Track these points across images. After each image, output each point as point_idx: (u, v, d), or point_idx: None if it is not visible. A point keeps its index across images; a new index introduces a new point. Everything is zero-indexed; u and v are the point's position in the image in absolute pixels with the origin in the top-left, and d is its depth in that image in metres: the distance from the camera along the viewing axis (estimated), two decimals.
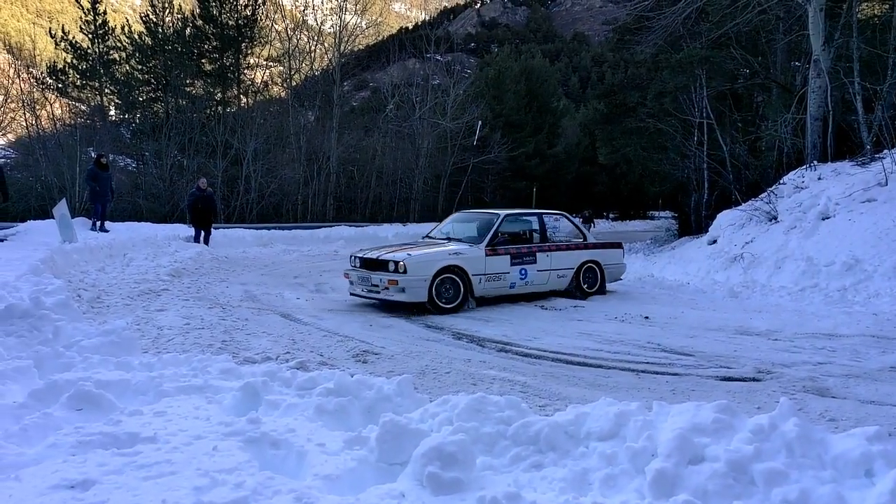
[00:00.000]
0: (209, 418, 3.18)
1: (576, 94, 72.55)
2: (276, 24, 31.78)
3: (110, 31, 28.46)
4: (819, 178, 12.25)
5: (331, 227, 22.10)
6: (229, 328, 6.88)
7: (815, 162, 13.08)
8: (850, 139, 14.10)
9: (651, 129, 20.48)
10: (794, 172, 13.13)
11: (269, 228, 20.37)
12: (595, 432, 2.73)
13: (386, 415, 3.00)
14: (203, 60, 29.83)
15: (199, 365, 4.13)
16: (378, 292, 8.25)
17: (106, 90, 28.49)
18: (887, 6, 16.11)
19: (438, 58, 37.11)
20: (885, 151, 11.46)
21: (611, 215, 50.78)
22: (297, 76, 30.89)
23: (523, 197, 32.21)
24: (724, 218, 13.01)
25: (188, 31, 29.55)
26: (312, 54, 31.67)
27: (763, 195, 12.55)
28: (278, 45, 31.29)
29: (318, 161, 28.17)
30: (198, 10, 29.86)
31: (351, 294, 8.96)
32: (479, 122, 31.28)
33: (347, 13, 31.06)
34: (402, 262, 8.02)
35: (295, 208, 27.78)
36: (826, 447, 2.37)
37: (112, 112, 29.25)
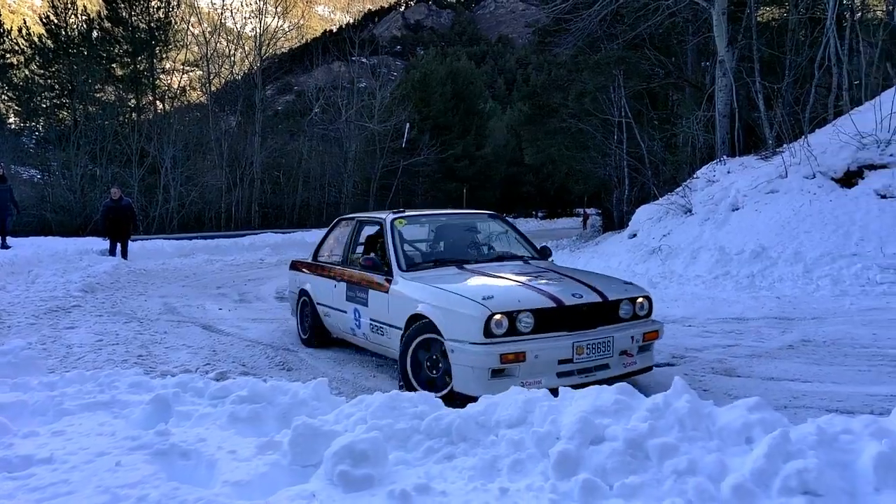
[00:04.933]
0: (114, 434, 3.10)
1: (502, 95, 73.63)
2: (193, 27, 30.95)
3: (6, 33, 27.01)
4: (728, 172, 12.90)
5: (256, 234, 21.67)
6: (146, 342, 6.68)
7: (725, 157, 13.76)
8: (755, 134, 14.93)
9: (573, 129, 21.04)
10: (706, 167, 13.77)
11: (190, 238, 19.81)
12: (504, 420, 2.82)
13: (299, 418, 3.01)
14: (113, 65, 28.71)
15: (107, 380, 4.01)
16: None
17: (3, 96, 27.02)
18: (784, 10, 17.13)
19: (364, 60, 37.00)
20: (785, 146, 12.16)
21: (539, 214, 51.86)
22: (216, 80, 30.17)
23: (454, 198, 32.50)
24: (643, 212, 13.52)
25: (95, 33, 28.37)
26: (232, 58, 31.02)
27: (678, 189, 13.13)
28: (196, 48, 30.48)
29: (242, 167, 27.61)
30: (105, 12, 28.73)
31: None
32: (408, 125, 31.38)
33: (268, 15, 30.59)
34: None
35: (218, 216, 27.11)
36: (713, 420, 2.54)
37: (11, 120, 27.76)
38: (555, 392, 2.96)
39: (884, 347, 5.58)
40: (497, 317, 3.98)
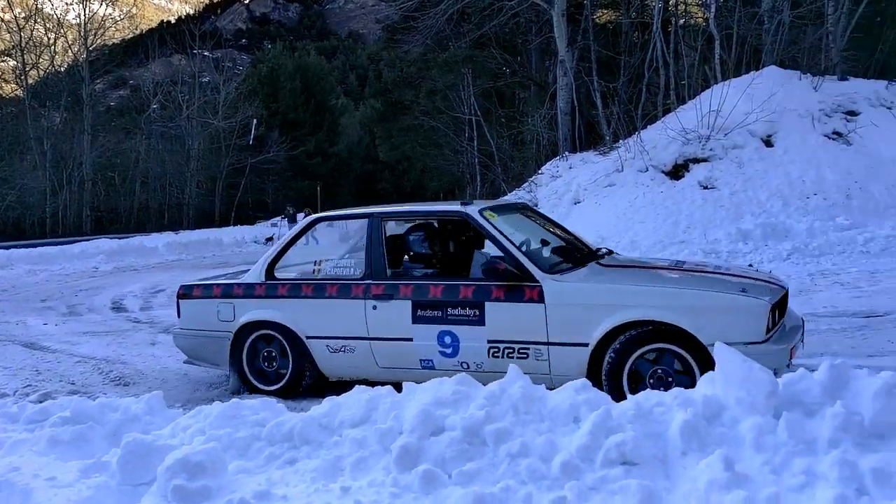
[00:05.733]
0: None
1: (355, 92, 73.17)
2: (3, 12, 27.96)
3: None
4: (570, 168, 13.73)
5: (88, 240, 20.02)
6: None
7: (567, 152, 14.63)
8: (594, 131, 16.00)
9: (426, 126, 21.44)
10: (550, 163, 14.56)
11: (7, 248, 17.92)
12: (348, 420, 2.84)
13: (129, 435, 2.85)
14: None
15: None
16: None
17: None
18: (618, 14, 18.49)
19: (207, 54, 35.32)
20: (621, 142, 13.15)
21: None
22: (34, 73, 27.46)
23: (306, 196, 31.90)
24: None
25: None
26: (53, 48, 28.39)
27: (525, 185, 13.78)
28: (7, 36, 27.56)
29: (69, 168, 25.38)
30: None
31: None
32: (255, 121, 30.38)
33: (94, 2, 28.31)
34: None
35: (42, 222, 24.75)
36: (545, 403, 2.72)
37: None
38: (398, 387, 3.02)
39: None
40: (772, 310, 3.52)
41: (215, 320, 4.73)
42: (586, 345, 3.75)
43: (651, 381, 3.65)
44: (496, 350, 3.99)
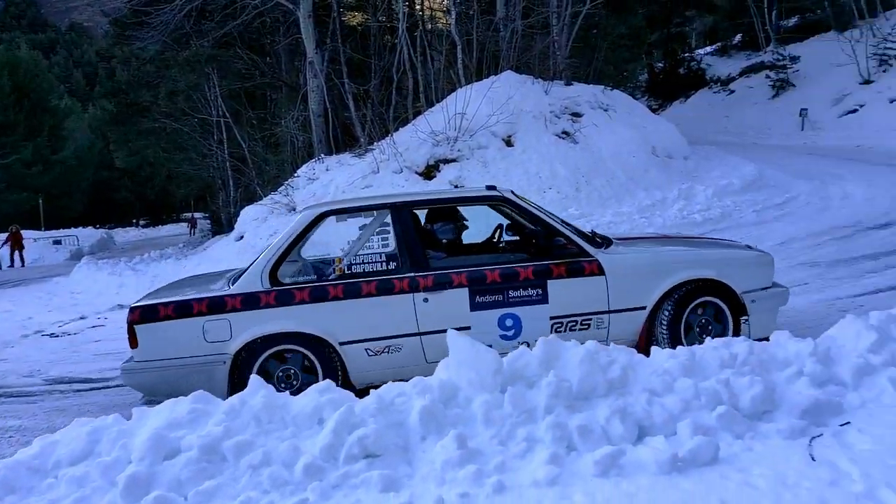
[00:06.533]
0: None
1: (82, 91, 66.00)
2: None
3: None
4: (327, 170, 13.80)
5: None
6: None
7: (323, 155, 14.68)
8: (350, 133, 16.25)
9: (169, 129, 20.09)
10: (306, 165, 14.50)
11: None
12: (66, 458, 2.60)
13: None
14: None
15: None
16: None
17: None
18: (367, 17, 18.97)
19: None
20: (376, 144, 13.52)
21: (141, 222, 48.14)
22: None
23: (25, 212, 28.07)
24: (249, 213, 13.64)
25: None
26: None
27: (281, 188, 13.56)
28: None
29: None
30: None
31: None
32: None
33: None
34: None
35: None
36: (288, 409, 2.73)
37: None
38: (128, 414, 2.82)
39: None
40: None
41: (201, 343, 3.98)
42: (644, 307, 4.28)
43: (698, 329, 4.36)
44: (559, 325, 4.22)
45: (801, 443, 2.54)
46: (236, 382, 3.89)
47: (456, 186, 12.48)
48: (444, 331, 3.85)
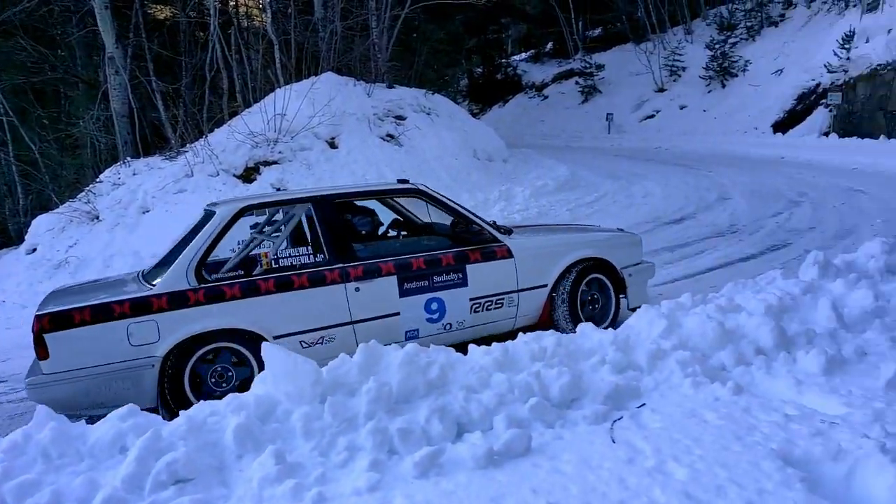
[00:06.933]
0: None
1: None
2: None
3: None
4: (134, 174, 12.86)
5: None
6: None
7: (129, 158, 13.65)
8: (160, 134, 15.26)
9: None
10: (109, 170, 13.41)
11: None
12: None
13: None
14: None
15: None
16: None
17: None
18: (175, 11, 17.92)
19: None
20: (189, 146, 12.83)
21: None
22: None
23: None
24: (42, 223, 12.36)
25: None
26: None
27: (81, 195, 12.45)
28: None
29: None
30: None
31: None
32: None
33: None
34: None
35: None
36: (85, 439, 2.52)
37: None
38: None
39: None
40: None
41: (125, 348, 3.79)
42: (546, 285, 4.84)
43: (588, 301, 5.01)
44: (478, 306, 4.61)
45: (605, 427, 2.77)
46: (167, 386, 3.85)
47: (278, 189, 12.19)
48: (375, 318, 4.33)
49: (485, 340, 4.30)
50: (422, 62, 17.95)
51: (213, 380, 4.02)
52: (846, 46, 18.81)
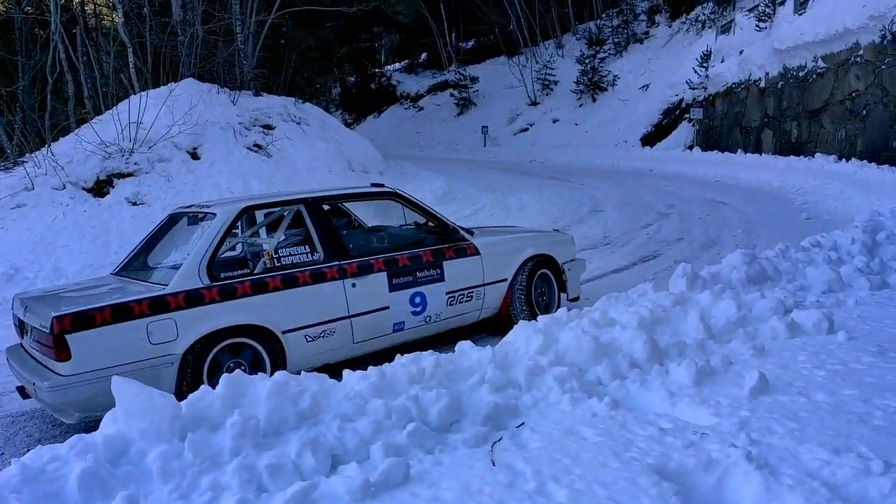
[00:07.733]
0: None
1: None
2: None
3: None
4: None
5: None
6: None
7: None
8: None
9: None
10: None
11: None
12: None
13: None
14: None
15: None
16: None
17: None
18: (9, 7, 16.61)
19: None
20: (28, 155, 11.87)
21: None
22: None
23: None
24: None
25: None
26: None
27: None
28: None
29: None
30: None
31: None
32: None
33: None
34: None
35: None
36: None
37: None
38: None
39: None
40: None
41: (146, 346, 3.95)
42: (506, 279, 5.54)
43: (539, 294, 5.80)
44: (452, 299, 5.20)
45: (485, 449, 2.78)
46: (186, 382, 4.01)
47: (134, 203, 11.55)
48: (369, 312, 4.77)
49: (428, 341, 5.05)
50: (291, 70, 17.62)
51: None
52: (704, 65, 20.39)
